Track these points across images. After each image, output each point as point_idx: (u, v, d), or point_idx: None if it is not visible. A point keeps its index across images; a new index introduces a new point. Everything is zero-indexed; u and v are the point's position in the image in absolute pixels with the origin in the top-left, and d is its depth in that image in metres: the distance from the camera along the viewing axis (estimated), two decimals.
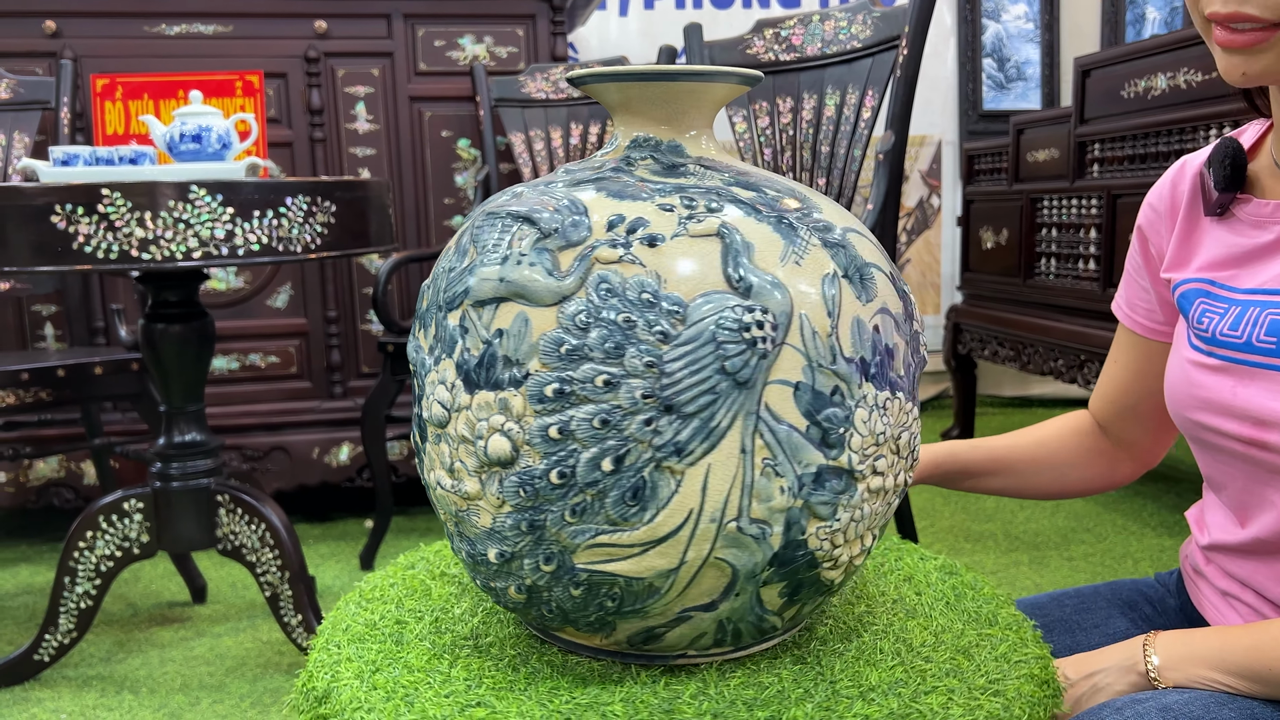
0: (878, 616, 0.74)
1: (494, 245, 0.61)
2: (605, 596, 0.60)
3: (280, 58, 2.52)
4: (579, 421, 0.57)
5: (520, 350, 0.58)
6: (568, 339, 0.57)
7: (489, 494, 0.60)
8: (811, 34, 1.68)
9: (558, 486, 0.58)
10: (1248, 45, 0.68)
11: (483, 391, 0.59)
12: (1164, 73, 2.23)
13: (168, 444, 1.68)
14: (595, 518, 0.58)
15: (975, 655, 0.67)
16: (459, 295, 0.61)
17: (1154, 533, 2.43)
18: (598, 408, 0.56)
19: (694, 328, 0.57)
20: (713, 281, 0.58)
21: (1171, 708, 0.66)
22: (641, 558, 0.59)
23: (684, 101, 0.67)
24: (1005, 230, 2.97)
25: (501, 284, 0.59)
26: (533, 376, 0.57)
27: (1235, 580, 0.81)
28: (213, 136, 1.55)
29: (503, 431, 0.58)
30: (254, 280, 2.57)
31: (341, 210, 1.49)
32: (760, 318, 0.58)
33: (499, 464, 0.59)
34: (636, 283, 0.57)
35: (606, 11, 3.54)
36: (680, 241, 0.59)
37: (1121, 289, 0.94)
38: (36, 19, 2.40)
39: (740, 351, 0.57)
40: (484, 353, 0.59)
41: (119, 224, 1.31)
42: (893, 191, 1.54)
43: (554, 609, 0.62)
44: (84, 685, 1.75)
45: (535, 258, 0.59)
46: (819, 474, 0.59)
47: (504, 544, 0.61)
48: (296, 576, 1.69)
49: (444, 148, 2.64)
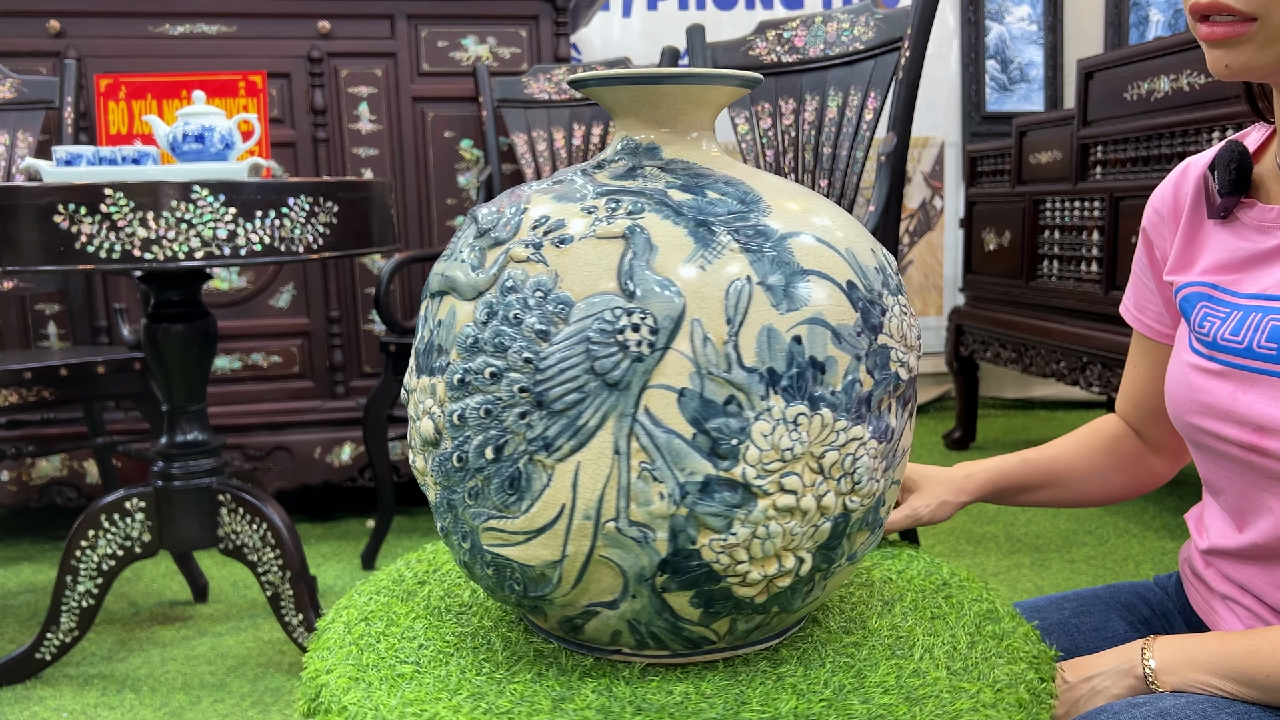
0: (868, 620, 0.74)
1: (453, 241, 0.68)
2: (511, 580, 0.64)
3: (283, 58, 2.52)
4: (470, 410, 0.61)
5: (447, 340, 0.63)
6: (473, 332, 0.61)
7: (429, 471, 0.65)
8: (814, 36, 1.69)
9: (458, 469, 0.63)
10: (1227, 37, 0.69)
11: (423, 376, 0.65)
12: (1167, 75, 2.23)
13: (170, 443, 1.69)
14: (486, 502, 0.62)
15: (970, 656, 0.67)
16: (425, 287, 0.68)
17: (1155, 535, 2.42)
18: (484, 398, 0.61)
19: (572, 327, 0.58)
20: (605, 284, 0.59)
21: (1169, 712, 0.66)
22: (527, 546, 0.61)
23: (681, 104, 0.67)
24: (1008, 232, 2.97)
25: (441, 278, 0.66)
26: (450, 365, 0.62)
27: (1234, 584, 0.81)
28: (215, 137, 1.55)
29: (429, 414, 0.64)
30: (256, 280, 2.57)
31: (344, 210, 1.49)
32: (637, 320, 0.57)
33: (429, 444, 0.64)
34: (535, 282, 0.60)
35: (610, 12, 3.55)
36: (587, 243, 0.60)
37: (1129, 292, 0.94)
38: (40, 19, 2.41)
39: (611, 353, 0.57)
40: (428, 341, 0.65)
41: (121, 224, 1.32)
42: (894, 193, 1.54)
43: (486, 589, 0.68)
44: (85, 684, 1.75)
45: (467, 254, 0.64)
46: (706, 483, 0.58)
47: (441, 519, 0.67)
48: (298, 576, 1.69)
49: (447, 148, 2.64)
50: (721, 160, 0.69)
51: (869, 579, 0.83)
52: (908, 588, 0.81)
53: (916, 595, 0.79)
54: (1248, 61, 0.70)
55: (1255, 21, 0.68)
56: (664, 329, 0.57)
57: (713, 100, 0.68)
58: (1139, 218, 2.33)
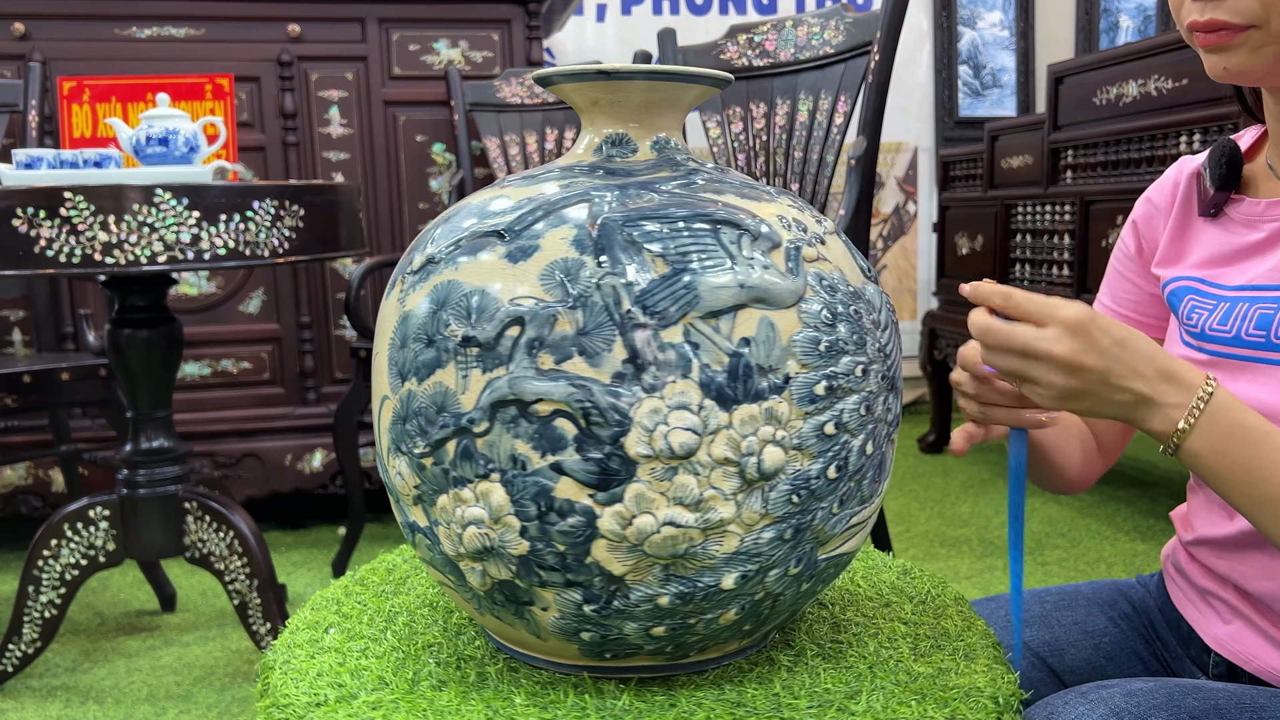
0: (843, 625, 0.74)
1: (705, 251, 0.63)
2: (821, 581, 0.64)
3: (253, 61, 2.50)
4: (850, 411, 0.60)
5: (770, 356, 0.58)
6: (819, 335, 0.61)
7: (746, 513, 0.57)
8: (785, 39, 1.68)
9: (832, 481, 0.60)
10: (1222, 42, 0.72)
11: (741, 406, 0.56)
12: (1135, 80, 2.24)
13: (135, 450, 1.66)
14: (852, 501, 0.62)
15: (929, 664, 0.67)
16: (673, 311, 0.60)
17: (1127, 537, 2.44)
18: (861, 396, 0.61)
19: (882, 314, 0.65)
20: (857, 275, 0.65)
21: (1136, 694, 0.66)
22: (863, 530, 0.65)
23: (651, 103, 0.66)
24: (980, 236, 2.98)
25: (742, 290, 0.60)
26: (795, 378, 0.58)
27: (1216, 577, 0.81)
28: (180, 140, 1.53)
29: (773, 442, 0.57)
30: (226, 285, 2.54)
31: (310, 214, 1.48)
32: (890, 302, 0.68)
33: (764, 480, 0.57)
34: (836, 278, 0.63)
35: (584, 17, 3.54)
36: (829, 238, 0.64)
37: (1104, 288, 0.94)
38: (5, 21, 2.37)
39: (890, 332, 0.66)
40: (731, 366, 0.57)
41: (82, 228, 1.30)
42: (865, 197, 1.54)
43: (761, 617, 0.63)
44: (48, 695, 1.72)
45: (744, 260, 0.64)
46: None
47: (750, 563, 0.58)
48: (265, 584, 1.67)
49: (418, 152, 2.63)
50: (695, 160, 0.69)
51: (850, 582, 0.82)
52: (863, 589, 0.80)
53: (870, 597, 0.78)
54: (1243, 63, 0.72)
55: (1251, 29, 0.70)
56: None
57: (683, 100, 0.67)
58: (1109, 221, 2.35)
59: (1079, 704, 0.67)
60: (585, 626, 0.60)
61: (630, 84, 0.65)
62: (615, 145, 0.67)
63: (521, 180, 0.66)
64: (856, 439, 0.60)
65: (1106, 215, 2.35)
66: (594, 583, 0.58)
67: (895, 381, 0.64)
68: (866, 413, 0.61)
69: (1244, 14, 0.69)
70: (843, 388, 0.59)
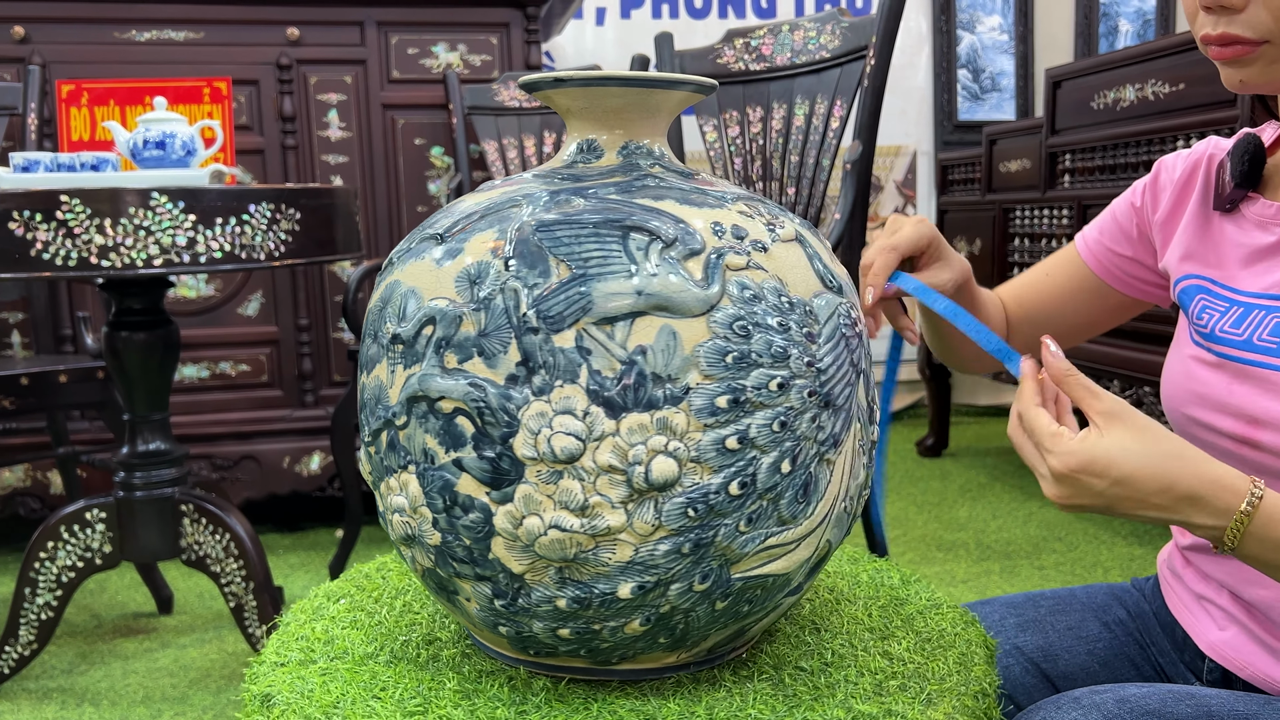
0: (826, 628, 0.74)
1: (602, 260, 0.60)
2: (744, 602, 0.61)
3: (252, 64, 2.50)
4: (759, 427, 0.58)
5: (668, 365, 0.56)
6: (727, 347, 0.59)
7: (638, 523, 0.56)
8: (781, 44, 1.69)
9: (735, 498, 0.57)
10: (1237, 56, 0.71)
11: (631, 414, 0.56)
12: (1133, 84, 2.24)
13: (131, 453, 1.66)
14: (767, 521, 0.59)
15: (917, 662, 0.67)
16: (570, 316, 0.58)
17: (1124, 541, 2.44)
18: (774, 412, 0.58)
19: (829, 325, 0.61)
20: (814, 283, 0.62)
21: (1128, 700, 0.66)
22: (795, 552, 0.61)
23: (636, 109, 0.67)
24: (979, 240, 2.98)
25: (641, 297, 0.59)
26: (696, 389, 0.56)
27: (1211, 582, 0.81)
28: (177, 143, 1.53)
29: (663, 453, 0.56)
30: (224, 288, 2.55)
31: (306, 217, 1.48)
32: (855, 312, 0.66)
33: (658, 489, 0.56)
34: (770, 288, 0.60)
35: (583, 20, 3.54)
36: (779, 246, 0.62)
37: (1094, 225, 0.94)
38: (5, 25, 2.38)
39: (856, 344, 0.64)
40: (624, 374, 0.56)
41: (78, 230, 1.30)
42: (860, 201, 1.55)
43: (676, 632, 0.61)
44: (44, 697, 1.73)
45: (657, 269, 0.61)
46: (869, 447, 0.66)
47: (647, 574, 0.58)
48: (261, 587, 1.67)
49: (417, 155, 2.63)
50: (677, 163, 0.69)
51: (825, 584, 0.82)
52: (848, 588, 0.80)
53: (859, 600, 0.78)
54: (1259, 75, 0.72)
55: (1266, 43, 0.70)
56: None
57: (663, 105, 0.68)
58: None
59: (1072, 709, 0.67)
60: (501, 621, 0.62)
61: (604, 90, 0.65)
62: (584, 151, 0.68)
63: (503, 182, 0.67)
64: (767, 456, 0.57)
65: None
66: (499, 579, 0.60)
67: (832, 399, 0.60)
68: (781, 429, 0.58)
69: (1257, 29, 0.69)
70: (751, 401, 0.57)
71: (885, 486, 0.73)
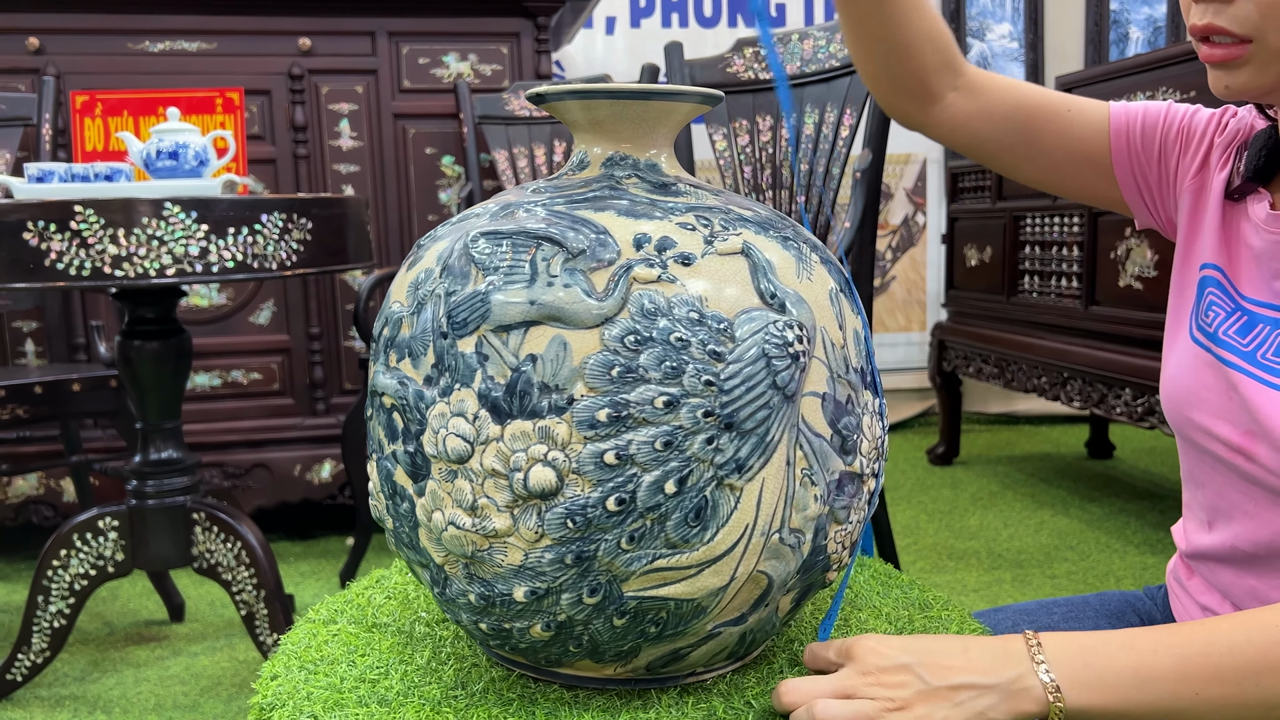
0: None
1: (504, 270, 0.59)
2: (649, 623, 0.59)
3: (264, 75, 2.52)
4: (640, 444, 0.56)
5: (556, 375, 0.56)
6: (615, 360, 0.56)
7: (523, 529, 0.57)
8: (790, 53, 1.69)
9: (613, 514, 0.56)
10: (1225, 60, 0.70)
11: (515, 421, 0.56)
12: (1143, 92, 2.24)
13: (144, 461, 1.67)
14: (653, 543, 0.57)
15: None
16: (470, 323, 0.59)
17: (1137, 550, 2.42)
18: (659, 430, 0.56)
19: (746, 344, 0.58)
20: (749, 299, 0.59)
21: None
22: (697, 578, 0.58)
23: (643, 120, 0.67)
24: (989, 248, 2.98)
25: (533, 306, 0.57)
26: (579, 402, 0.55)
27: (1216, 592, 0.81)
28: (189, 153, 1.54)
29: (543, 462, 0.56)
30: (236, 297, 2.56)
31: (318, 227, 1.49)
32: (798, 332, 0.59)
33: (539, 496, 0.56)
34: (682, 301, 0.57)
35: (593, 30, 3.56)
36: (711, 260, 0.59)
37: (1134, 104, 0.89)
38: (20, 36, 2.40)
39: (786, 366, 0.58)
40: (512, 381, 0.57)
41: (92, 241, 1.31)
42: (870, 209, 1.55)
43: (584, 643, 0.60)
44: (57, 705, 1.73)
45: (559, 279, 0.58)
46: (840, 480, 0.62)
47: (538, 580, 0.58)
48: (272, 595, 1.67)
49: (428, 165, 2.64)
50: (686, 176, 0.69)
51: None
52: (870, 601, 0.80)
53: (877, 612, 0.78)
54: (1246, 83, 0.71)
55: (1252, 44, 0.69)
56: (810, 338, 0.60)
57: (673, 117, 0.68)
58: (1117, 233, 2.34)
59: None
60: (445, 608, 0.65)
61: (594, 103, 0.66)
62: (578, 161, 0.69)
63: (510, 190, 0.69)
64: (648, 474, 0.56)
65: (1114, 227, 2.35)
66: (431, 566, 0.63)
67: (735, 421, 0.57)
68: (665, 449, 0.56)
69: (1243, 24, 0.68)
70: (633, 417, 0.55)
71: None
